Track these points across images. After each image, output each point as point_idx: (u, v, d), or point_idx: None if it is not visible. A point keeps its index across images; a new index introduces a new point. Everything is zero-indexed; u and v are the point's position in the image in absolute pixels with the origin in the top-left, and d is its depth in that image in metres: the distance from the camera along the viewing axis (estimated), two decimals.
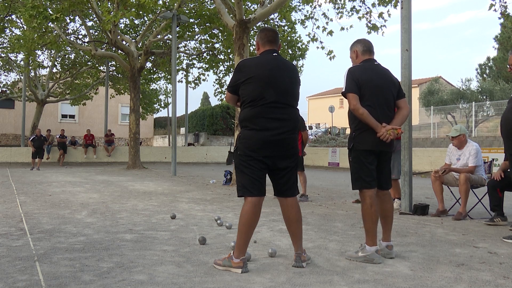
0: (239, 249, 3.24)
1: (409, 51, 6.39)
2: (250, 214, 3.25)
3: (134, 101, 17.66)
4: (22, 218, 5.48)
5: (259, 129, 3.25)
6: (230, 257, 3.25)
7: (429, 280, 3.06)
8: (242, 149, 3.30)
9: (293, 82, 3.43)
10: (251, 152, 3.26)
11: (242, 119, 3.35)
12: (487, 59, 33.87)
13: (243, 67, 3.36)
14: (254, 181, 3.27)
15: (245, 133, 3.32)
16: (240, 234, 3.27)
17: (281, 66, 3.37)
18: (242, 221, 3.27)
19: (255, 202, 3.27)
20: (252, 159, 3.26)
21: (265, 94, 3.26)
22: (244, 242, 3.27)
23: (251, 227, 3.29)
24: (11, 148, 21.90)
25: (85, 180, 11.72)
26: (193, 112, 36.21)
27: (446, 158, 6.20)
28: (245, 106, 3.33)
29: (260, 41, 3.50)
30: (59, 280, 2.98)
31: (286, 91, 3.35)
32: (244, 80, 3.30)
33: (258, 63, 3.36)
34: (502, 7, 10.01)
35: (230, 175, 10.67)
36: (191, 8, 17.02)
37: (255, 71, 3.29)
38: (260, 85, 3.26)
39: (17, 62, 24.57)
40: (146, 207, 6.65)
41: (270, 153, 3.28)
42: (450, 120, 26.06)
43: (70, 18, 17.69)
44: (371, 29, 12.73)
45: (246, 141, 3.28)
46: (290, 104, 3.38)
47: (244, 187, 3.29)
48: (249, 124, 3.30)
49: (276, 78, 3.30)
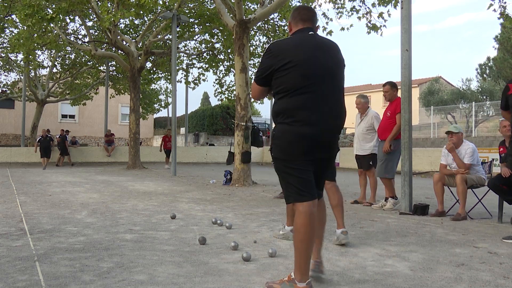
0: (300, 270, 2.66)
1: (409, 51, 6.39)
2: (307, 227, 2.65)
3: (134, 101, 17.67)
4: (22, 218, 5.48)
5: (300, 123, 2.71)
6: (292, 280, 2.69)
7: (429, 280, 3.06)
8: (280, 149, 2.78)
9: (338, 65, 2.90)
10: (294, 150, 2.73)
11: (278, 111, 2.79)
12: (487, 59, 33.86)
13: (276, 50, 2.79)
14: (304, 182, 2.73)
15: (282, 128, 2.77)
16: (298, 253, 2.67)
17: (322, 46, 2.85)
18: (298, 238, 2.67)
19: (310, 210, 2.68)
20: (295, 158, 2.74)
21: (308, 81, 2.73)
22: (305, 262, 2.66)
23: (310, 242, 2.68)
24: (11, 148, 21.91)
25: (85, 180, 11.72)
26: (193, 112, 36.25)
27: (442, 159, 6.19)
28: (281, 96, 2.78)
29: (292, 20, 2.99)
30: (59, 280, 2.98)
31: (332, 76, 2.83)
32: (280, 66, 2.74)
33: (295, 44, 2.80)
34: (501, 7, 10.01)
35: (230, 175, 10.67)
36: (191, 8, 17.03)
37: (293, 54, 2.74)
38: (301, 70, 2.72)
39: (17, 62, 24.56)
40: (146, 207, 6.65)
41: (313, 152, 2.76)
42: (450, 120, 26.07)
43: (70, 18, 17.68)
44: (371, 29, 12.74)
45: (285, 138, 2.75)
46: (336, 92, 2.86)
47: (295, 191, 2.73)
48: (287, 118, 2.74)
49: (319, 60, 2.78)
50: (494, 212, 5.83)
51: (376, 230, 4.93)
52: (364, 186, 7.27)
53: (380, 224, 5.32)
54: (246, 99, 10.76)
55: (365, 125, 7.07)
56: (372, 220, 5.61)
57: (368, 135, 7.07)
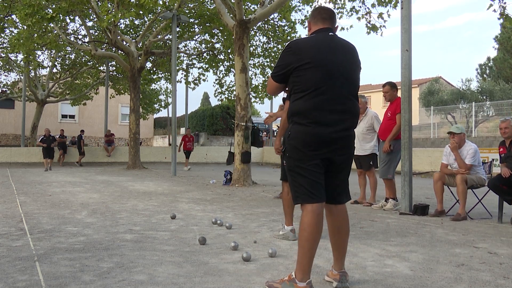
0: (302, 270, 2.68)
1: (409, 51, 6.39)
2: (314, 226, 2.68)
3: (134, 101, 17.67)
4: (22, 218, 5.48)
5: (315, 124, 2.73)
6: (292, 279, 2.71)
7: (429, 280, 3.06)
8: (294, 149, 2.79)
9: (354, 67, 2.92)
10: (307, 151, 2.74)
11: (295, 111, 2.81)
12: (487, 59, 33.87)
13: (296, 49, 2.80)
14: (314, 184, 2.75)
15: (297, 129, 2.78)
16: (302, 252, 2.69)
17: (341, 48, 2.87)
18: (304, 236, 2.69)
19: (318, 210, 2.72)
20: (308, 159, 2.75)
21: (325, 83, 2.75)
22: (308, 261, 2.68)
23: (315, 242, 2.70)
24: (11, 148, 21.90)
25: (85, 180, 11.72)
26: (193, 112, 36.22)
27: (444, 158, 6.19)
28: (298, 96, 2.79)
29: (312, 20, 2.98)
30: (59, 280, 2.98)
31: (348, 78, 2.84)
32: (299, 65, 2.76)
33: (315, 45, 2.80)
34: (501, 7, 10.01)
35: (230, 175, 10.67)
36: (191, 8, 17.03)
37: (312, 55, 2.75)
38: (319, 71, 2.74)
39: (17, 62, 24.57)
40: (146, 207, 6.65)
41: (327, 153, 2.77)
42: (450, 120, 26.06)
43: (70, 18, 17.69)
44: (371, 29, 12.74)
45: (299, 139, 2.76)
46: (351, 94, 2.87)
47: (305, 192, 2.74)
48: (303, 119, 2.75)
49: (337, 62, 2.80)
50: (494, 212, 5.83)
51: (376, 230, 4.93)
52: (363, 186, 7.27)
53: (380, 224, 5.32)
54: (246, 99, 10.75)
55: (365, 125, 7.08)
56: (372, 220, 5.61)
57: (368, 135, 7.07)
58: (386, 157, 6.62)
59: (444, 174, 6.03)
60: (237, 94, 10.83)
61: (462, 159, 5.83)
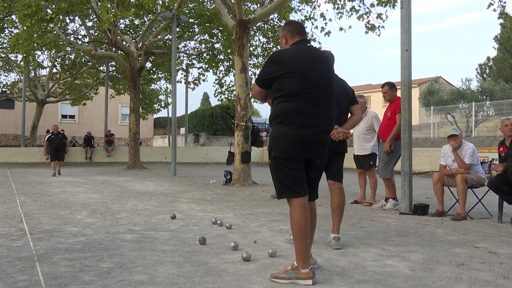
0: (302, 258, 2.96)
1: (409, 51, 6.39)
2: (302, 218, 2.98)
3: (134, 101, 17.67)
4: (22, 218, 5.48)
5: (298, 125, 3.00)
6: (295, 268, 2.97)
7: (429, 280, 3.06)
8: (279, 149, 3.04)
9: (331, 73, 3.24)
10: (291, 151, 3.02)
11: (279, 113, 3.06)
12: (487, 59, 33.85)
13: (279, 59, 3.07)
14: (298, 180, 3.04)
15: (281, 130, 3.04)
16: (298, 242, 2.99)
17: (320, 58, 3.15)
18: (296, 228, 2.99)
19: (303, 203, 3.02)
20: (292, 158, 3.03)
21: (306, 89, 3.02)
22: (305, 250, 2.98)
23: (306, 231, 3.00)
24: (11, 148, 21.90)
25: (85, 180, 11.72)
26: (193, 112, 36.21)
27: (441, 159, 6.18)
28: (281, 100, 3.06)
29: (288, 33, 3.26)
30: (59, 280, 2.98)
31: (327, 85, 3.14)
32: (282, 74, 3.02)
33: (296, 55, 3.07)
34: (500, 7, 10.01)
35: (230, 175, 10.67)
36: (191, 8, 17.03)
37: (295, 64, 3.02)
38: (302, 79, 3.01)
39: (17, 62, 24.57)
40: (146, 207, 6.65)
41: (309, 154, 3.07)
42: (450, 120, 26.06)
43: (70, 19, 17.68)
44: (370, 29, 12.75)
45: (284, 139, 3.02)
46: (329, 100, 3.16)
47: (288, 188, 3.03)
48: (286, 120, 3.02)
49: (317, 70, 3.08)
50: (494, 212, 5.83)
51: (376, 230, 4.93)
52: (363, 186, 7.27)
53: (380, 224, 5.32)
54: (246, 99, 10.75)
55: (365, 125, 7.08)
56: (372, 220, 5.61)
57: (368, 135, 7.07)
58: (386, 157, 6.62)
59: (443, 175, 6.03)
60: (237, 94, 10.83)
61: (461, 159, 5.83)
